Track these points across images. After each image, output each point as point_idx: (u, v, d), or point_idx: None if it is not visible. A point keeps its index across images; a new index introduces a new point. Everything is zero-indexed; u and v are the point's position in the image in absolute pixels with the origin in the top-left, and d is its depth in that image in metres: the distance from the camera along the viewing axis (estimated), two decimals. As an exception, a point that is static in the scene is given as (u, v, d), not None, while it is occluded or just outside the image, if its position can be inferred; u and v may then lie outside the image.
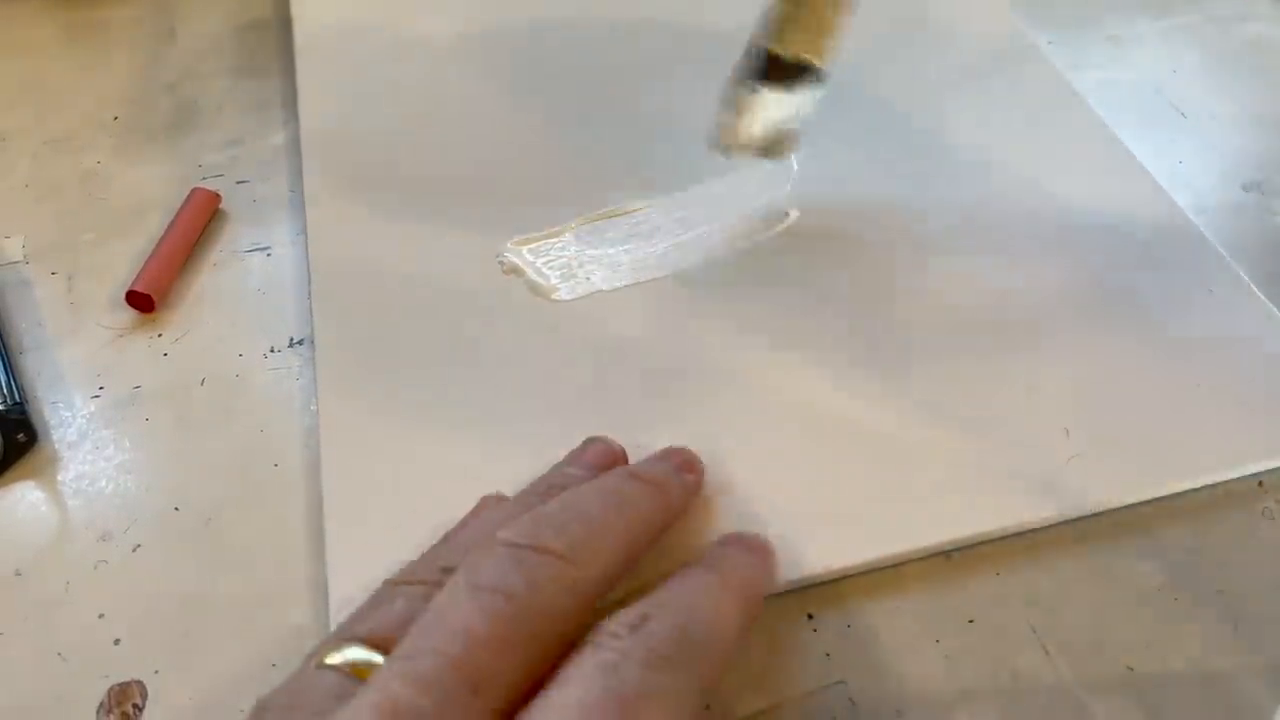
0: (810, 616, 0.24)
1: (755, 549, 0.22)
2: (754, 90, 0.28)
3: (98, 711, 0.23)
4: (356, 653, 0.18)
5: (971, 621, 0.24)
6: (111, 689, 0.23)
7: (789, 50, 0.28)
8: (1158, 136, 0.36)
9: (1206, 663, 0.23)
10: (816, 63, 0.28)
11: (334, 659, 0.18)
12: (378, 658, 0.18)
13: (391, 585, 0.20)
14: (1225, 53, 0.40)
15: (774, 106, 0.28)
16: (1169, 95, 0.38)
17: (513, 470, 0.25)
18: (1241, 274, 0.30)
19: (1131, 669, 0.23)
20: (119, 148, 0.36)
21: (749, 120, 0.29)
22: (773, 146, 0.30)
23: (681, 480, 0.24)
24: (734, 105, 0.29)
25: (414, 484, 0.26)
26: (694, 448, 0.26)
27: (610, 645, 0.17)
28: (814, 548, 0.24)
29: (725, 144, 0.29)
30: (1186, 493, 0.26)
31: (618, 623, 0.18)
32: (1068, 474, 0.26)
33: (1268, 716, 0.22)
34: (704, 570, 0.20)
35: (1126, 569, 0.25)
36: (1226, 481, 0.26)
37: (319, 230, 0.32)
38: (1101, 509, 0.25)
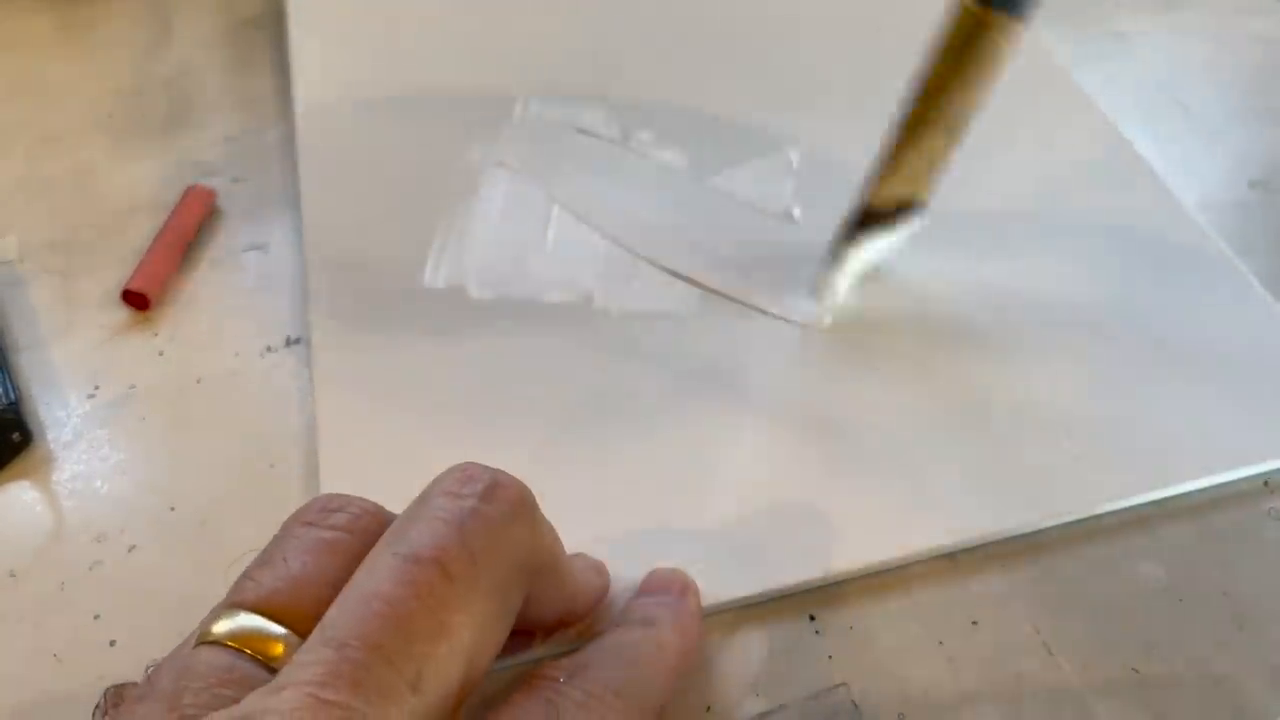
0: (812, 618, 0.24)
1: (677, 588, 0.23)
2: (855, 244, 0.29)
3: (93, 713, 0.22)
4: (248, 621, 0.16)
5: (975, 623, 0.24)
6: (107, 691, 0.23)
7: (888, 199, 0.28)
8: (1163, 133, 0.36)
9: (1211, 664, 0.23)
10: (919, 200, 0.28)
11: (221, 629, 0.16)
12: (275, 628, 0.16)
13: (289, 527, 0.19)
14: (1231, 49, 0.40)
15: (874, 251, 0.29)
16: (1174, 92, 0.38)
17: (511, 470, 0.25)
18: (1247, 272, 0.30)
19: (1136, 670, 0.23)
20: (114, 145, 0.36)
21: (849, 271, 0.29)
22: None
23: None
24: (836, 260, 0.29)
25: (412, 484, 0.25)
26: (694, 449, 0.25)
27: (550, 688, 0.18)
28: (816, 550, 0.24)
29: (825, 298, 0.29)
30: (1191, 493, 0.26)
31: (559, 668, 0.19)
32: (1071, 474, 0.26)
33: (1273, 718, 0.22)
34: (638, 624, 0.21)
35: (1130, 570, 0.25)
36: (1231, 481, 0.26)
37: (315, 227, 0.32)
38: (1105, 509, 0.25)
